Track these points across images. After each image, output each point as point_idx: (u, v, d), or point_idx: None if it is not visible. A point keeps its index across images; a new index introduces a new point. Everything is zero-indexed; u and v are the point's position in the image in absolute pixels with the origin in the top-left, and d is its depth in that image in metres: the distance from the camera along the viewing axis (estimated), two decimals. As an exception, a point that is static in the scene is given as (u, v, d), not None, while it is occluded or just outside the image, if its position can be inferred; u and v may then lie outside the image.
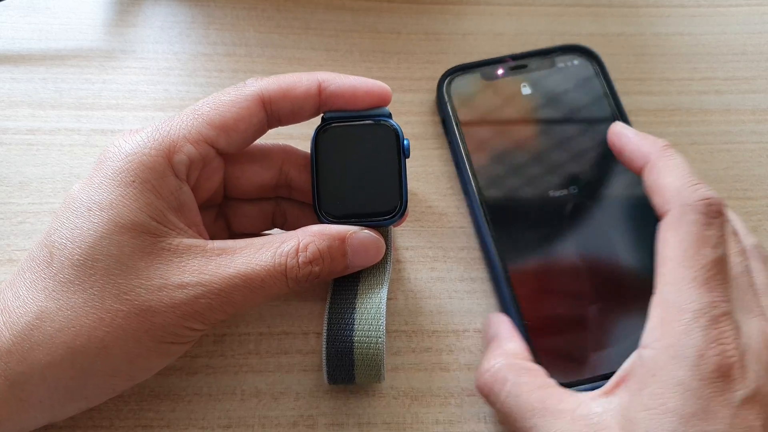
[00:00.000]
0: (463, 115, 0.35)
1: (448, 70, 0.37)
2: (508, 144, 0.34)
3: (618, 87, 0.37)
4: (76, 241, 0.24)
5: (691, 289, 0.24)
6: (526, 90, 0.36)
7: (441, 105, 0.36)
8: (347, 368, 0.27)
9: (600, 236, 0.32)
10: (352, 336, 0.26)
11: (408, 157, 0.28)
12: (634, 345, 0.26)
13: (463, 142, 0.34)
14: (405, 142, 0.28)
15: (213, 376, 0.30)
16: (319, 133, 0.28)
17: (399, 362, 0.30)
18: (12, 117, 0.36)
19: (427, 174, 0.35)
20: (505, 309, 0.31)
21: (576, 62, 0.37)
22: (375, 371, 0.27)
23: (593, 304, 0.31)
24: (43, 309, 0.23)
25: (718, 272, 0.25)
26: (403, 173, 0.28)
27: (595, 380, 0.29)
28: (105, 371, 0.24)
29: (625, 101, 0.37)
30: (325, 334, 0.27)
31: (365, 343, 0.26)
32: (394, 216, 0.27)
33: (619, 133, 0.31)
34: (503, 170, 0.34)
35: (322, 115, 0.28)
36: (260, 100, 0.27)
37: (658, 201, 0.27)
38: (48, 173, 0.34)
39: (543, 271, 0.31)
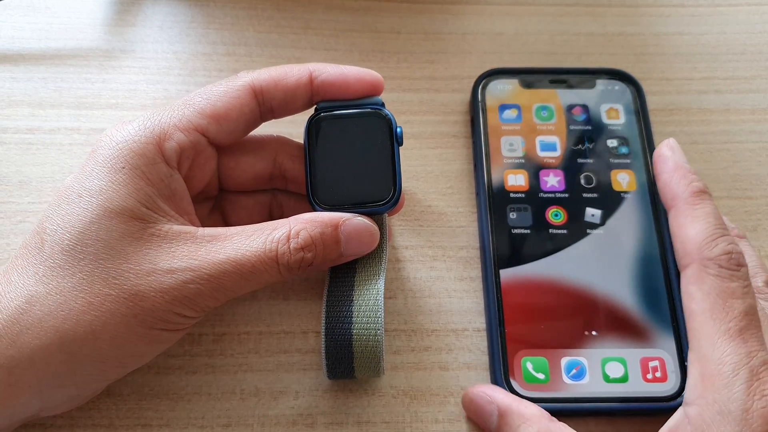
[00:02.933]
0: (493, 118, 0.35)
1: (487, 71, 0.37)
2: (531, 158, 0.34)
3: (617, 86, 0.37)
4: (66, 227, 0.24)
5: (725, 342, 0.25)
6: (561, 106, 0.36)
7: (473, 104, 0.36)
8: (347, 361, 0.27)
9: (602, 269, 0.32)
10: (350, 329, 0.26)
11: (401, 144, 0.28)
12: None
13: (487, 147, 0.34)
14: (398, 129, 0.28)
15: (212, 375, 0.30)
16: (311, 121, 0.28)
17: (398, 361, 0.30)
18: (12, 116, 0.36)
19: (427, 173, 0.35)
20: (489, 318, 0.31)
21: (617, 88, 0.36)
22: (375, 364, 0.27)
23: (580, 329, 0.30)
24: (32, 293, 0.23)
25: (750, 322, 0.25)
26: (396, 160, 0.28)
27: (561, 401, 0.29)
28: (94, 356, 0.24)
29: (625, 101, 0.37)
30: (323, 327, 0.27)
31: (364, 335, 0.26)
32: (387, 203, 0.27)
33: (661, 156, 0.31)
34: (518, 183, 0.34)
35: (315, 105, 0.29)
36: (251, 90, 0.27)
37: (680, 251, 0.28)
38: (47, 172, 0.34)
39: (534, 288, 0.31)
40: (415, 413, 0.29)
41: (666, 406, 0.28)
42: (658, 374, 0.29)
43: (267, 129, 0.31)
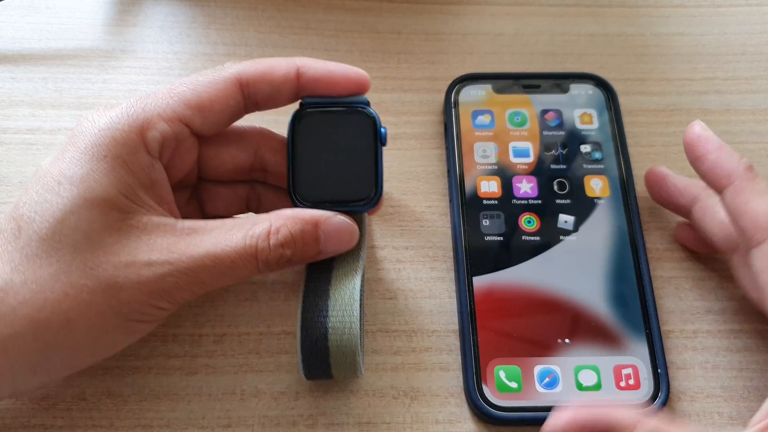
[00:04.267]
0: (466, 124, 0.35)
1: (460, 76, 0.36)
2: (504, 164, 0.34)
3: (618, 87, 0.37)
4: (44, 215, 0.24)
5: None
6: (534, 111, 0.36)
7: (446, 110, 0.36)
8: (322, 356, 0.26)
9: (575, 276, 0.31)
10: (326, 322, 0.26)
11: (384, 144, 0.28)
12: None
13: (460, 153, 0.34)
14: (382, 130, 0.28)
15: (213, 376, 0.30)
16: (296, 117, 0.28)
17: (399, 362, 0.30)
18: (12, 117, 0.36)
19: (427, 174, 0.35)
20: (462, 324, 0.31)
21: (590, 92, 0.36)
22: (351, 359, 0.26)
23: (553, 337, 0.30)
24: (7, 282, 0.23)
25: None
26: (379, 161, 0.28)
27: (534, 410, 0.28)
28: (68, 346, 0.24)
29: (625, 101, 0.37)
30: (299, 322, 0.26)
31: (339, 328, 0.26)
32: (368, 203, 0.27)
33: (700, 137, 0.30)
34: (493, 188, 0.34)
35: (300, 100, 0.28)
36: (238, 82, 0.27)
37: (750, 228, 0.27)
38: (48, 173, 0.34)
39: (507, 295, 0.31)
40: (415, 414, 0.29)
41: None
42: (631, 381, 0.29)
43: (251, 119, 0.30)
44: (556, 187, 0.34)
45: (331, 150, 0.28)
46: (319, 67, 0.28)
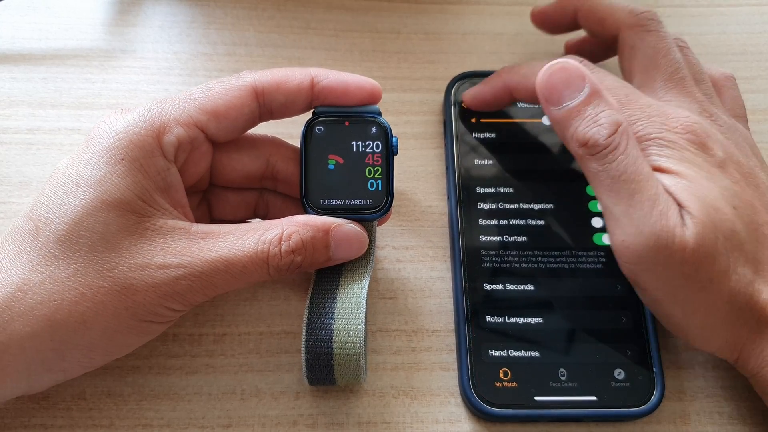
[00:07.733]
0: (465, 122, 0.35)
1: (460, 74, 0.36)
2: (501, 162, 0.34)
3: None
4: (62, 217, 0.24)
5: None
6: (532, 110, 0.35)
7: (446, 107, 0.36)
8: (326, 358, 0.27)
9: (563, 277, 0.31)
10: (332, 323, 0.27)
11: (396, 154, 0.28)
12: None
13: (459, 150, 0.34)
14: (394, 139, 0.28)
15: (213, 376, 0.30)
16: (309, 125, 0.28)
17: (399, 361, 0.30)
18: (12, 117, 0.36)
19: (427, 174, 0.35)
20: (458, 322, 0.31)
21: None
22: (354, 361, 0.26)
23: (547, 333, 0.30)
24: (25, 281, 0.24)
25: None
26: (390, 170, 0.28)
27: (531, 407, 0.28)
28: (83, 345, 0.24)
29: (625, 101, 0.37)
30: (305, 322, 0.27)
31: (345, 329, 0.26)
32: (379, 211, 0.28)
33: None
34: (488, 186, 0.33)
35: (313, 109, 0.29)
36: (253, 90, 0.27)
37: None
38: (48, 173, 0.34)
39: (503, 292, 0.31)
40: (415, 414, 0.29)
41: (634, 411, 0.28)
42: (626, 380, 0.29)
43: (263, 128, 0.31)
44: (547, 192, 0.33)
45: (344, 158, 0.28)
46: (333, 77, 0.28)
